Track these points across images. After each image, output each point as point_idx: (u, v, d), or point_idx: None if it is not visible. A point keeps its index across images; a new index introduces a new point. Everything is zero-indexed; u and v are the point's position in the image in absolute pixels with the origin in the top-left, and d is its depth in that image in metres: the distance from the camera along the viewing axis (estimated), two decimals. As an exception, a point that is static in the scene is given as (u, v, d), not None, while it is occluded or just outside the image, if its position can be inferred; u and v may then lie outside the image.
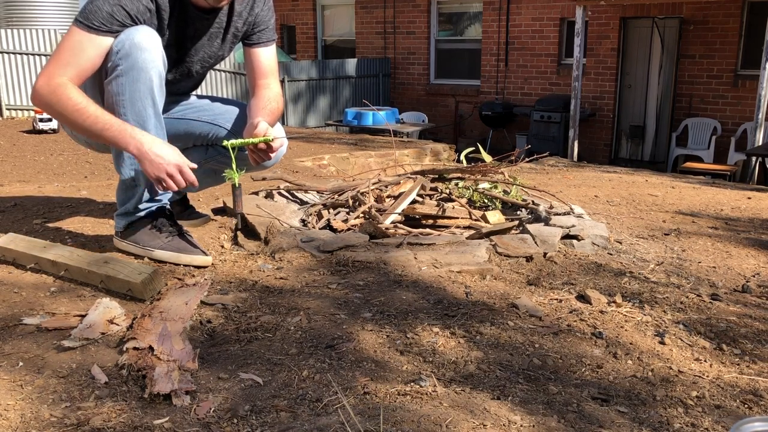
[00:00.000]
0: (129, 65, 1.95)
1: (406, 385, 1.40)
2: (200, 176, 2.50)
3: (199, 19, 2.13)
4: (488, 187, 3.05)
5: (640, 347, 1.63)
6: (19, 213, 2.78)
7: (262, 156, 2.12)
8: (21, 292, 1.85)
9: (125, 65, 1.95)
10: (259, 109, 2.18)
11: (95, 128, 1.92)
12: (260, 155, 2.12)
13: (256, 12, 2.23)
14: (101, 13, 1.94)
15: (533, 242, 2.35)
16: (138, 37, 1.96)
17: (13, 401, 1.31)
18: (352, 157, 6.08)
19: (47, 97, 1.93)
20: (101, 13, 1.94)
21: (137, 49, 1.95)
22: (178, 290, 1.81)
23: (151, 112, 2.03)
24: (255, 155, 2.12)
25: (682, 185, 4.19)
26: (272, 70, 2.30)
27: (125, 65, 1.95)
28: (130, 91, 1.98)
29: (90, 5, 1.96)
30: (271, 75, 2.29)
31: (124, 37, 1.96)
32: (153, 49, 1.98)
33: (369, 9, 13.09)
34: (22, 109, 9.36)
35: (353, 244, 2.25)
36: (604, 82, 10.65)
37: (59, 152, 5.56)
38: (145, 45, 1.96)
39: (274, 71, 2.31)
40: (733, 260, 2.41)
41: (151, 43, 1.98)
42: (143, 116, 2.02)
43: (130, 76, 1.97)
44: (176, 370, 1.40)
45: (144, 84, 1.99)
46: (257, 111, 2.17)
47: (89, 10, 1.95)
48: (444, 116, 12.33)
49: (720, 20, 9.57)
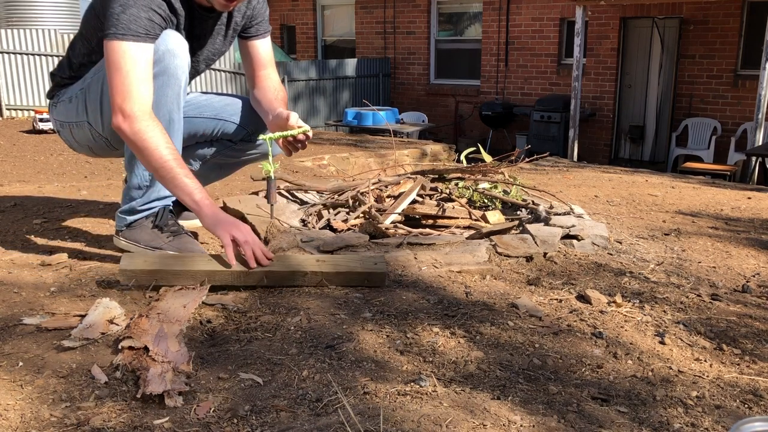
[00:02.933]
0: (161, 70, 1.97)
1: (406, 385, 1.40)
2: (205, 172, 2.51)
3: (204, 19, 2.15)
4: (488, 187, 3.05)
5: (640, 347, 1.63)
6: (19, 213, 2.78)
7: (297, 146, 2.18)
8: (21, 292, 1.85)
9: (156, 69, 1.97)
10: (273, 101, 2.24)
11: (170, 184, 1.92)
12: (295, 146, 2.18)
13: (254, 5, 2.27)
14: (141, 21, 1.91)
15: (533, 242, 2.35)
16: (171, 43, 1.98)
17: (13, 401, 1.31)
18: (352, 157, 6.08)
19: (130, 137, 1.91)
20: (142, 21, 1.91)
21: (170, 55, 1.97)
22: (178, 292, 1.81)
23: (176, 116, 2.07)
24: (291, 146, 2.18)
25: (682, 185, 4.19)
26: (270, 61, 2.36)
27: (156, 69, 1.97)
28: (159, 95, 2.00)
29: (123, 16, 1.90)
30: (270, 65, 2.35)
31: (159, 42, 1.97)
32: (183, 56, 2.01)
33: (369, 9, 13.09)
34: (22, 109, 9.36)
35: (353, 244, 2.25)
36: (604, 82, 10.66)
37: (59, 152, 5.56)
38: (177, 51, 1.99)
39: (271, 61, 2.37)
40: (733, 260, 2.41)
41: (182, 50, 2.01)
42: (167, 119, 2.04)
43: (161, 81, 1.99)
44: (170, 371, 1.40)
45: (173, 90, 2.01)
46: (272, 102, 2.24)
47: (127, 21, 1.90)
48: (444, 116, 12.34)
49: (720, 20, 9.57)
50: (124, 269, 1.84)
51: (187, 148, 2.41)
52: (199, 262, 1.89)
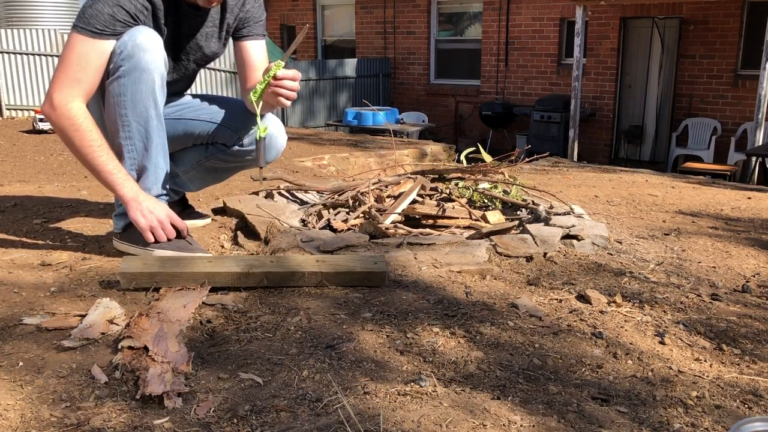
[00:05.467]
0: (131, 66, 1.96)
1: (406, 385, 1.40)
2: (201, 174, 2.51)
3: (193, 16, 2.13)
4: (488, 187, 3.05)
5: (640, 347, 1.63)
6: (19, 213, 2.78)
7: (283, 92, 2.07)
8: (21, 292, 1.85)
9: (127, 66, 1.96)
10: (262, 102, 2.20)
11: (98, 169, 1.99)
12: (281, 92, 2.07)
13: (247, 8, 2.26)
14: (102, 16, 1.94)
15: (533, 242, 2.35)
16: (140, 38, 1.96)
17: (13, 401, 1.31)
18: (352, 157, 6.08)
19: (58, 121, 1.97)
20: (102, 17, 1.94)
21: (140, 50, 1.96)
22: (178, 292, 1.81)
23: (153, 113, 2.04)
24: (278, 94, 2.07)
25: (682, 185, 4.19)
26: (263, 64, 2.33)
27: (127, 66, 1.96)
28: (132, 92, 1.98)
29: (89, 9, 1.95)
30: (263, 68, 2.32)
31: (127, 38, 1.96)
32: (155, 50, 1.99)
33: (369, 9, 13.09)
34: (22, 109, 9.36)
35: (353, 244, 2.25)
36: (604, 82, 10.66)
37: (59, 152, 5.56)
38: (147, 46, 1.97)
39: (265, 65, 2.33)
40: (733, 260, 2.41)
41: (153, 44, 1.98)
42: (145, 117, 2.02)
43: (132, 77, 1.97)
44: (170, 372, 1.40)
45: (146, 85, 1.99)
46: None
47: (89, 15, 1.94)
48: (444, 116, 12.34)
49: (720, 20, 9.57)
50: (124, 272, 1.84)
51: (183, 150, 2.40)
52: (199, 264, 1.89)
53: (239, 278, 1.88)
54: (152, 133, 2.06)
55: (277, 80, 2.06)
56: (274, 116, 2.39)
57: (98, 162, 1.98)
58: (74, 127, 1.96)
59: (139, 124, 2.03)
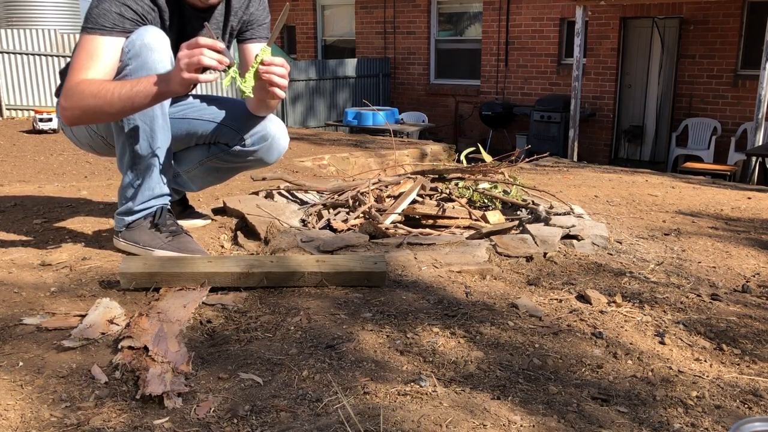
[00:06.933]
0: (138, 65, 1.96)
1: (406, 385, 1.40)
2: (203, 174, 2.51)
3: (196, 18, 2.14)
4: (488, 187, 3.05)
5: (640, 347, 1.63)
6: (19, 213, 2.78)
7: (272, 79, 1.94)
8: (21, 292, 1.85)
9: (134, 65, 1.96)
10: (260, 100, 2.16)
11: (124, 93, 1.87)
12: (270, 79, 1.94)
13: (251, 11, 2.26)
14: (110, 15, 1.95)
15: (533, 242, 2.35)
16: (148, 37, 1.97)
17: (13, 401, 1.31)
18: (352, 157, 6.08)
19: (71, 97, 1.93)
20: (110, 15, 1.95)
21: (147, 49, 1.96)
22: (178, 292, 1.81)
23: (158, 111, 2.05)
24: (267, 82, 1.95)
25: (682, 185, 4.19)
26: None
27: (134, 65, 1.96)
28: None
29: (95, 9, 1.96)
30: None
31: (135, 38, 1.97)
32: (162, 50, 2.00)
33: (369, 9, 13.09)
34: (22, 109, 9.36)
35: (353, 244, 2.25)
36: (604, 82, 10.66)
37: (59, 152, 5.56)
38: (154, 45, 1.98)
39: None
40: (733, 260, 2.41)
41: (160, 44, 1.99)
42: (150, 115, 2.03)
43: (139, 76, 1.98)
44: (170, 372, 1.40)
45: None
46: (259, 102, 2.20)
47: (96, 15, 1.96)
48: (444, 116, 12.34)
49: (720, 20, 9.57)
50: (124, 272, 1.84)
51: (186, 149, 2.41)
52: (199, 264, 1.89)
53: (239, 278, 1.88)
54: (157, 132, 2.06)
55: (265, 65, 1.95)
56: (275, 117, 2.39)
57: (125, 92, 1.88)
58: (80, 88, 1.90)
59: (144, 123, 2.03)
